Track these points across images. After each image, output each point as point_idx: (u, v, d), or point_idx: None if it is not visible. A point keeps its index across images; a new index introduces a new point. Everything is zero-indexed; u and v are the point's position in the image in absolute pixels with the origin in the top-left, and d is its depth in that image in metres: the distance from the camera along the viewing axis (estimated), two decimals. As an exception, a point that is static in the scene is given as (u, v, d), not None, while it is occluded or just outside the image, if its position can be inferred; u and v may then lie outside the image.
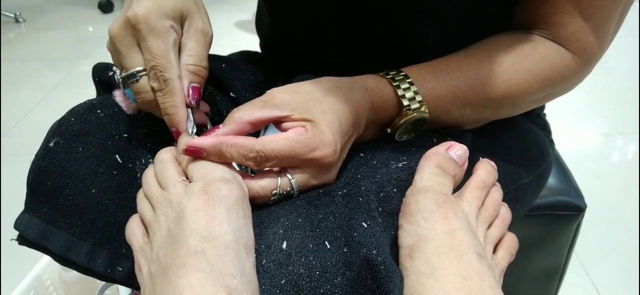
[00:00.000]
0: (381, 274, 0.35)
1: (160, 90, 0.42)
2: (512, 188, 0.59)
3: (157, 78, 0.42)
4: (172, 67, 0.42)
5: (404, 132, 0.49)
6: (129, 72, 0.43)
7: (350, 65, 0.56)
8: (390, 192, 0.43)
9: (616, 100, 1.90)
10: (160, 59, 0.42)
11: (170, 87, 0.42)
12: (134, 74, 0.43)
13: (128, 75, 0.43)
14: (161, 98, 0.43)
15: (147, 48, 0.42)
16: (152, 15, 0.42)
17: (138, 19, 0.41)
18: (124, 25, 0.42)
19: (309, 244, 0.37)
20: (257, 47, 0.76)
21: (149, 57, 0.42)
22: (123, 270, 0.45)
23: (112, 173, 0.46)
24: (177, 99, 0.42)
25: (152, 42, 0.42)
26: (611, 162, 1.60)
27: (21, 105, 2.03)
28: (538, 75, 0.49)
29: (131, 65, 0.43)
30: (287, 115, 0.41)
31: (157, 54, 0.42)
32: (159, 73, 0.42)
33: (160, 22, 0.42)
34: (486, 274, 0.37)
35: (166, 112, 0.43)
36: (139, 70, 0.43)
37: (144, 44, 0.42)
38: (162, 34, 0.42)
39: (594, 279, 1.17)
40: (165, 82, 0.42)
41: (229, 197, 0.37)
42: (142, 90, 0.43)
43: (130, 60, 0.43)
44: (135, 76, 0.43)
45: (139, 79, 0.43)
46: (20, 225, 0.45)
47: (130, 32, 0.42)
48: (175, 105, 0.42)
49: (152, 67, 0.42)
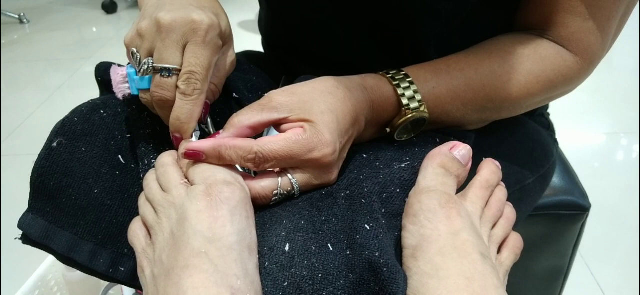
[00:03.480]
0: (384, 276, 0.35)
1: (187, 95, 0.42)
2: (516, 188, 0.59)
3: (189, 83, 0.42)
4: (206, 82, 0.43)
5: (403, 132, 0.49)
6: (166, 65, 0.42)
7: (354, 63, 0.56)
8: (393, 192, 0.42)
9: (620, 99, 1.90)
10: (202, 70, 0.42)
11: (196, 98, 0.42)
12: (170, 70, 0.42)
13: (164, 68, 0.42)
14: (183, 102, 0.42)
15: (196, 53, 0.42)
16: (214, 29, 0.43)
17: (203, 25, 0.42)
18: (184, 22, 0.42)
19: (312, 247, 0.37)
20: (260, 47, 0.76)
21: (193, 62, 0.41)
22: (125, 270, 0.45)
23: (114, 173, 0.46)
24: (196, 110, 0.42)
25: (204, 51, 0.42)
26: (615, 161, 1.60)
27: (25, 105, 2.04)
28: (539, 76, 0.49)
29: (170, 60, 0.42)
30: (285, 117, 0.41)
31: (203, 64, 0.42)
32: (194, 81, 0.42)
33: (216, 38, 0.43)
34: (490, 274, 0.37)
35: (180, 118, 0.42)
36: (176, 69, 0.42)
37: (196, 48, 0.42)
38: (213, 49, 0.43)
39: (598, 279, 1.17)
40: (195, 90, 0.42)
41: (231, 198, 0.37)
42: (166, 87, 0.42)
43: (172, 55, 0.42)
44: (170, 72, 0.42)
45: (171, 75, 0.42)
46: (24, 224, 0.46)
47: (186, 31, 0.42)
48: (192, 115, 0.42)
49: (191, 72, 0.41)
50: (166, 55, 0.42)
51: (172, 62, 0.42)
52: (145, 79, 0.43)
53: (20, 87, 2.24)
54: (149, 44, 0.43)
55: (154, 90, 0.43)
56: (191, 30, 0.41)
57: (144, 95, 0.44)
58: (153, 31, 0.42)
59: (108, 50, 2.62)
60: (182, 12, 0.42)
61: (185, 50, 0.42)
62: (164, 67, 0.42)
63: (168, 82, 0.42)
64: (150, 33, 0.42)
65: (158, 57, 0.42)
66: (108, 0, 3.14)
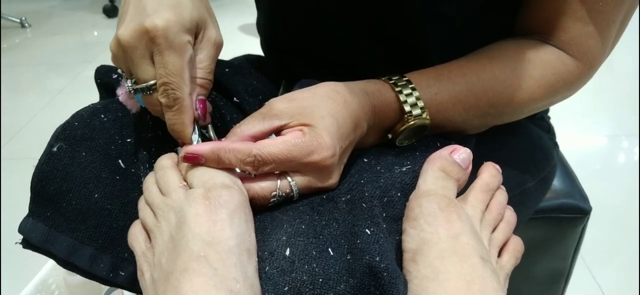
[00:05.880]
0: (384, 280, 0.35)
1: (170, 107, 0.41)
2: (516, 192, 0.59)
3: (167, 95, 0.41)
4: (184, 86, 0.41)
5: (404, 138, 0.48)
6: (142, 85, 0.41)
7: (355, 65, 0.56)
8: (394, 196, 0.42)
9: (621, 101, 1.89)
10: (174, 77, 0.40)
11: (179, 106, 0.41)
12: (149, 87, 0.41)
13: (142, 87, 0.42)
14: (170, 115, 0.42)
15: (162, 63, 0.40)
16: (171, 28, 0.40)
17: (157, 32, 0.39)
18: (139, 34, 0.40)
19: (312, 251, 0.37)
20: (260, 50, 0.76)
21: (162, 73, 0.40)
22: (125, 274, 0.45)
23: (115, 178, 0.46)
24: (185, 116, 0.42)
25: (168, 57, 0.40)
26: (616, 164, 1.59)
27: (27, 109, 2.04)
28: (540, 81, 0.49)
29: (144, 78, 0.41)
30: (286, 123, 0.41)
31: (172, 71, 0.40)
32: (170, 91, 0.41)
33: (179, 37, 0.40)
34: (490, 278, 0.37)
35: (173, 128, 0.42)
36: (153, 84, 0.41)
37: (160, 58, 0.40)
38: (179, 50, 0.40)
39: (600, 282, 1.16)
40: (176, 100, 0.41)
41: (230, 202, 0.37)
42: (154, 104, 0.42)
43: (143, 72, 0.41)
44: (150, 89, 0.41)
45: (151, 92, 0.42)
46: (24, 229, 0.46)
47: (145, 43, 0.40)
48: (183, 122, 0.42)
49: (164, 83, 0.40)
50: (139, 74, 0.41)
51: (147, 79, 0.41)
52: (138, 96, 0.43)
53: (22, 91, 2.24)
54: (124, 65, 0.43)
55: (148, 107, 0.43)
56: (149, 40, 0.40)
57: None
58: (120, 51, 0.42)
59: (109, 54, 2.60)
60: (135, 22, 0.40)
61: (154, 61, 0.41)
62: (142, 87, 0.42)
63: (152, 98, 0.42)
64: (119, 54, 0.42)
65: (136, 78, 0.42)
66: (109, 4, 3.15)
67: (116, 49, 0.42)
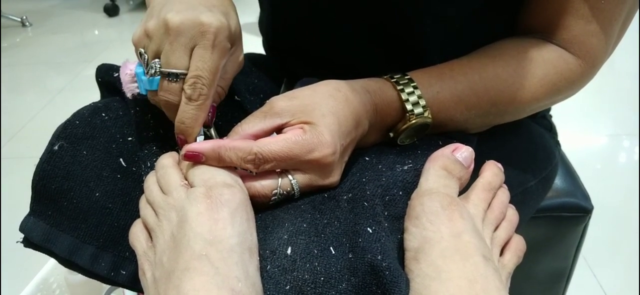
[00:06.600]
0: (386, 279, 0.35)
1: (192, 100, 0.41)
2: (518, 191, 0.59)
3: (195, 88, 0.41)
4: (213, 87, 0.42)
5: (406, 136, 0.48)
6: (173, 70, 0.41)
7: (355, 65, 0.56)
8: (396, 195, 0.42)
9: (623, 101, 1.89)
10: (208, 73, 0.41)
11: (201, 103, 0.41)
12: (178, 75, 0.41)
13: (172, 73, 0.41)
14: (189, 107, 0.41)
15: (203, 58, 0.41)
16: (222, 31, 0.41)
17: (211, 28, 0.40)
18: (192, 24, 0.40)
19: (314, 250, 0.37)
20: (262, 49, 0.76)
21: (200, 66, 0.40)
22: (126, 273, 0.45)
23: (116, 177, 0.46)
24: (202, 114, 0.42)
25: (211, 55, 0.41)
26: (618, 163, 1.59)
27: (27, 108, 2.04)
28: (542, 80, 0.49)
29: (176, 64, 0.41)
30: (287, 121, 0.41)
31: (209, 67, 0.41)
32: (200, 85, 0.41)
33: (224, 41, 0.42)
34: (492, 277, 0.37)
35: (185, 122, 0.42)
36: (183, 73, 0.41)
37: (203, 52, 0.41)
38: (222, 53, 0.42)
39: (601, 281, 1.16)
40: (201, 96, 0.41)
41: (231, 201, 0.37)
42: (173, 91, 0.42)
43: (178, 59, 0.41)
44: (178, 77, 0.41)
45: (177, 80, 0.41)
46: (26, 228, 0.46)
47: (193, 34, 0.40)
48: (196, 119, 0.42)
49: (197, 76, 0.41)
50: (173, 60, 0.41)
51: (179, 67, 0.41)
52: (153, 81, 0.42)
53: (22, 90, 2.24)
54: (156, 45, 0.42)
55: (161, 93, 0.42)
56: (199, 33, 0.40)
57: (152, 96, 0.44)
58: (161, 32, 0.41)
59: (110, 53, 2.62)
60: (191, 13, 0.41)
61: (193, 53, 0.41)
62: (171, 72, 0.41)
63: (175, 86, 0.42)
64: (157, 34, 0.42)
65: (165, 61, 0.41)
66: (110, 3, 3.15)
67: (154, 29, 0.42)
